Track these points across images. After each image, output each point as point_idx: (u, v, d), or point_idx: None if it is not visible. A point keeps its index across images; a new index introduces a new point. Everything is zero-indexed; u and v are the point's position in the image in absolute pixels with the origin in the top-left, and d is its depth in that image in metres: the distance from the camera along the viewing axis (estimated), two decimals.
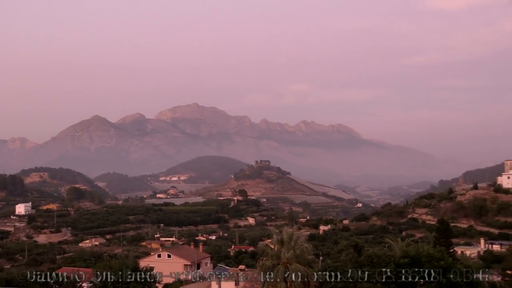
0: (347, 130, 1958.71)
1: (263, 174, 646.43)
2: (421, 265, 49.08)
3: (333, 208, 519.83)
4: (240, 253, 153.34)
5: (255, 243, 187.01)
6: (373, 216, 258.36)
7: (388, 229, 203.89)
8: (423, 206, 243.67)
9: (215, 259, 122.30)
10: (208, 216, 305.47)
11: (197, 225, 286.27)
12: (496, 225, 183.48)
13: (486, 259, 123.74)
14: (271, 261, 46.54)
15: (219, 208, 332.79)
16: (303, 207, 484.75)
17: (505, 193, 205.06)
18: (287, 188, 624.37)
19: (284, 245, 47.26)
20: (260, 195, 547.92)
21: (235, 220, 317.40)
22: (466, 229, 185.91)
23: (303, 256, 46.96)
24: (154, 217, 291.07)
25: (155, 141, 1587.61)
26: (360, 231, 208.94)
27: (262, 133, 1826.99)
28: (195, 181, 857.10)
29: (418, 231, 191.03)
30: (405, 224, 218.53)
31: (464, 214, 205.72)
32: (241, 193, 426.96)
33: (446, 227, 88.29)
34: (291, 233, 48.82)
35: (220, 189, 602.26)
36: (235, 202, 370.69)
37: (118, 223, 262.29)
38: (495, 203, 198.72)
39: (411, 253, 51.01)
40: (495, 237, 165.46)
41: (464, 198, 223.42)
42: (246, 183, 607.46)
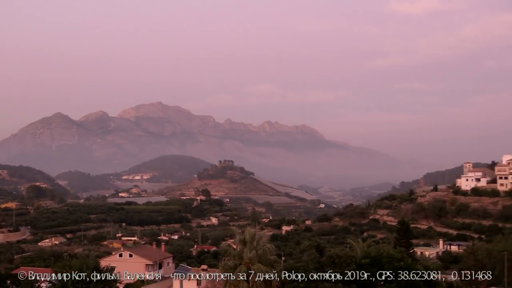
0: (311, 131, 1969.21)
1: (227, 174, 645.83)
2: (381, 265, 49.64)
3: (295, 209, 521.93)
4: (203, 253, 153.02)
5: (217, 243, 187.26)
6: (335, 217, 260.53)
7: (350, 230, 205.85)
8: (385, 207, 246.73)
9: (177, 259, 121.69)
10: (170, 215, 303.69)
11: (160, 225, 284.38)
12: (454, 226, 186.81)
13: (444, 259, 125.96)
14: (233, 261, 46.53)
15: (182, 207, 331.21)
16: (266, 207, 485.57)
17: (464, 195, 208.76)
18: (250, 188, 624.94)
19: (246, 245, 47.28)
20: (223, 195, 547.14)
21: (198, 219, 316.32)
22: (425, 230, 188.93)
23: (265, 256, 47.05)
24: (116, 216, 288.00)
25: (118, 140, 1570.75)
26: (322, 231, 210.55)
27: (226, 133, 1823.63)
28: (158, 180, 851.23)
29: (379, 232, 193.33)
30: (367, 225, 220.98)
31: (424, 215, 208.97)
32: (204, 193, 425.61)
33: (407, 228, 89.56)
34: (253, 233, 48.87)
35: (183, 188, 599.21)
36: (198, 202, 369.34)
37: (79, 222, 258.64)
38: (454, 205, 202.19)
39: (372, 254, 51.60)
40: (453, 238, 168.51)
41: (424, 200, 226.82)
42: (210, 182, 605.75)
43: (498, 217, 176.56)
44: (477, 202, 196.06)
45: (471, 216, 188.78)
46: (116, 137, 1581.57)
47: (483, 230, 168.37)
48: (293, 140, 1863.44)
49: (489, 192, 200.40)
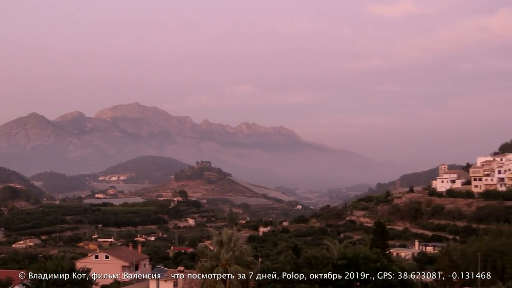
0: (288, 133, 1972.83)
1: (204, 175, 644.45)
2: (358, 266, 49.97)
3: (273, 210, 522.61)
4: (180, 254, 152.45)
5: (194, 244, 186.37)
6: (312, 218, 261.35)
7: (327, 231, 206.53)
8: (361, 208, 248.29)
9: (154, 260, 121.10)
10: (147, 216, 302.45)
11: (136, 226, 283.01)
12: (430, 228, 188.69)
13: (420, 260, 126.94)
14: (210, 262, 46.46)
15: (158, 208, 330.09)
16: (243, 209, 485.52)
17: (439, 197, 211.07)
18: (228, 189, 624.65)
19: (223, 247, 47.24)
20: (200, 196, 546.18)
21: (174, 221, 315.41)
22: (401, 231, 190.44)
23: (242, 258, 47.05)
24: (92, 217, 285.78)
25: (94, 140, 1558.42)
26: (299, 233, 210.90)
27: (204, 134, 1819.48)
28: (135, 181, 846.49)
29: (356, 233, 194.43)
30: (344, 226, 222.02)
31: (400, 217, 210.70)
32: (181, 194, 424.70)
33: (383, 229, 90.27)
34: (230, 234, 48.85)
35: (160, 189, 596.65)
36: (175, 203, 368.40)
37: (55, 224, 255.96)
38: (429, 206, 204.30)
39: (349, 255, 51.90)
40: (428, 239, 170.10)
41: (400, 201, 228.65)
42: (187, 184, 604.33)
43: (472, 218, 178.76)
44: (452, 204, 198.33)
45: (446, 217, 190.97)
46: (93, 137, 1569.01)
47: (457, 231, 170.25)
48: (271, 141, 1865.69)
49: (463, 193, 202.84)
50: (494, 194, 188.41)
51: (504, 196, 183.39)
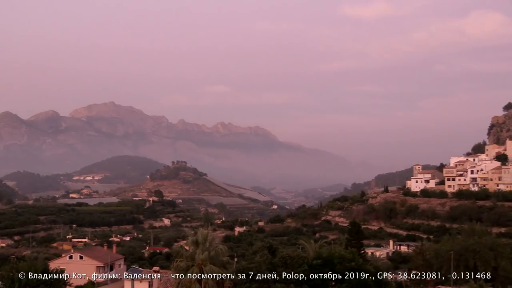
0: (264, 133, 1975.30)
1: (180, 175, 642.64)
2: (333, 266, 50.18)
3: (248, 210, 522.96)
4: (155, 254, 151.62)
5: (170, 244, 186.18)
6: (288, 218, 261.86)
7: (302, 231, 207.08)
8: (337, 208, 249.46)
9: (129, 261, 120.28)
10: (122, 216, 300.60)
11: (111, 226, 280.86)
12: (404, 227, 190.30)
13: (394, 259, 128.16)
14: (185, 262, 46.35)
15: (134, 208, 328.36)
16: (219, 209, 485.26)
17: (413, 196, 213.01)
18: (203, 189, 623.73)
19: (199, 247, 47.17)
20: (176, 196, 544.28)
21: (150, 221, 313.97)
22: (376, 231, 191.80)
23: (218, 258, 47.03)
24: (67, 217, 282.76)
25: (69, 140, 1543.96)
26: (275, 232, 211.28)
27: (179, 134, 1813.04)
28: (110, 181, 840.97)
29: (331, 233, 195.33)
30: (319, 226, 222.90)
31: (375, 217, 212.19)
32: (157, 194, 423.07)
33: (358, 229, 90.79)
34: (206, 234, 48.79)
35: (135, 189, 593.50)
36: (151, 203, 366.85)
37: (28, 224, 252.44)
38: (404, 206, 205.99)
39: (324, 255, 52.11)
40: (403, 239, 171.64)
41: (375, 201, 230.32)
42: (162, 183, 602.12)
43: (445, 217, 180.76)
44: (426, 203, 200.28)
45: (420, 217, 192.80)
46: (67, 137, 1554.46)
47: (431, 231, 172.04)
48: (247, 141, 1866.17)
49: (437, 193, 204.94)
50: (467, 194, 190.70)
51: (477, 196, 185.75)
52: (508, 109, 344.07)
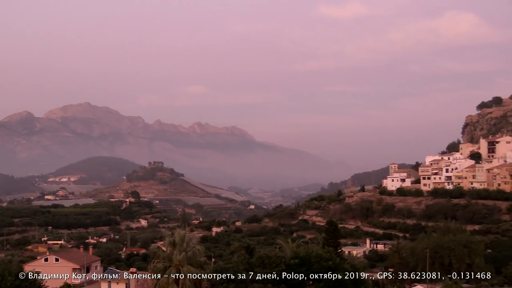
0: (241, 133, 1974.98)
1: (156, 175, 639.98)
2: (310, 265, 50.36)
3: (226, 210, 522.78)
4: (132, 255, 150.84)
5: (147, 246, 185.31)
6: (265, 218, 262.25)
7: (280, 231, 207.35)
8: (314, 207, 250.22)
9: (105, 262, 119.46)
10: (99, 218, 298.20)
11: (88, 228, 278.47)
12: (380, 226, 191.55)
13: (371, 258, 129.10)
14: (163, 263, 46.26)
15: (110, 210, 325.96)
16: (196, 209, 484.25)
17: (389, 195, 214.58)
18: (180, 189, 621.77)
19: (176, 247, 47.09)
20: (153, 196, 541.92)
21: (127, 222, 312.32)
22: (353, 230, 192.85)
23: (195, 258, 47.01)
24: (42, 219, 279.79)
25: (44, 141, 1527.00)
26: (253, 232, 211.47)
27: (156, 134, 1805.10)
28: (86, 182, 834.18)
29: (308, 232, 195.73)
30: (296, 225, 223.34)
31: (352, 216, 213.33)
32: (134, 195, 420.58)
33: (335, 228, 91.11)
34: (183, 235, 48.74)
35: (112, 190, 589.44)
36: (127, 204, 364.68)
37: (2, 227, 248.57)
38: (380, 205, 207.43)
39: (301, 254, 52.24)
40: (379, 237, 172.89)
41: (352, 200, 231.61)
42: (139, 184, 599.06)
43: (421, 216, 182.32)
44: (402, 202, 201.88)
45: (397, 215, 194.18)
46: (42, 138, 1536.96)
47: (407, 229, 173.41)
48: (223, 141, 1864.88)
49: (413, 192, 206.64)
50: (442, 192, 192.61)
51: (452, 194, 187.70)
52: (481, 108, 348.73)
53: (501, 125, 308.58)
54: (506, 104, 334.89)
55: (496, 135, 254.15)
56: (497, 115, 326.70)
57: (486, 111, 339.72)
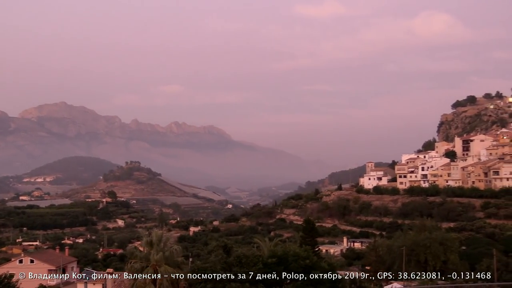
0: (218, 132, 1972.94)
1: (133, 175, 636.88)
2: (288, 264, 50.51)
3: (203, 210, 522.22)
4: (109, 256, 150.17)
5: (124, 246, 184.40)
6: (242, 217, 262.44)
7: (257, 230, 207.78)
8: (291, 206, 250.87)
9: (82, 263, 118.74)
10: (75, 218, 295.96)
11: (64, 228, 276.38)
12: (357, 224, 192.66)
13: (348, 256, 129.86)
14: (140, 263, 46.04)
15: (87, 210, 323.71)
16: (173, 209, 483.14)
17: (366, 194, 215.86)
18: (158, 189, 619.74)
19: (153, 247, 46.91)
20: (130, 196, 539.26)
21: (103, 222, 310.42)
22: (330, 229, 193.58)
23: (173, 258, 46.87)
24: (17, 220, 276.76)
25: (18, 141, 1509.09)
26: (230, 232, 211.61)
27: (133, 134, 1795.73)
28: (62, 182, 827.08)
29: (286, 231, 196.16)
30: (274, 224, 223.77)
31: (329, 214, 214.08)
32: (110, 195, 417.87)
33: (312, 227, 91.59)
34: (160, 235, 48.59)
35: (88, 190, 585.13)
36: (104, 204, 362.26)
37: None
38: (357, 203, 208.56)
39: (279, 253, 52.34)
40: (356, 236, 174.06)
41: (329, 199, 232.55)
42: (116, 184, 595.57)
43: (397, 214, 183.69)
44: (379, 200, 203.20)
45: (373, 213, 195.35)
46: (17, 138, 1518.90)
47: (384, 227, 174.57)
48: (201, 141, 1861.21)
49: (389, 190, 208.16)
50: (418, 190, 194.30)
51: (427, 192, 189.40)
52: (456, 107, 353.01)
53: (475, 123, 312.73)
54: (480, 103, 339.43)
55: (470, 133, 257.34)
56: (472, 113, 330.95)
57: (460, 110, 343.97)
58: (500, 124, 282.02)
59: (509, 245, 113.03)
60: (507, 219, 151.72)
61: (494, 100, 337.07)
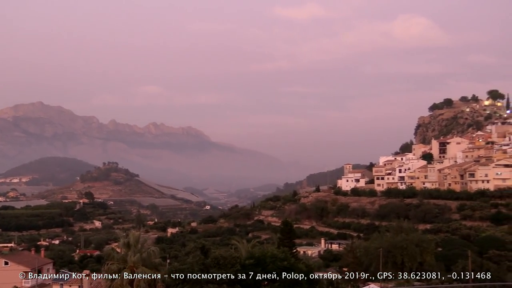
0: (197, 133, 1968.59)
1: (111, 176, 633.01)
2: (265, 265, 50.57)
3: (181, 211, 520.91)
4: (85, 257, 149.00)
5: (101, 247, 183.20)
6: (220, 218, 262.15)
7: (235, 231, 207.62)
8: (269, 208, 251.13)
9: (58, 265, 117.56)
10: (51, 219, 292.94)
11: (40, 230, 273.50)
12: (335, 226, 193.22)
13: (325, 258, 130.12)
14: (117, 265, 45.76)
15: (63, 211, 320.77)
16: (151, 210, 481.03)
17: (344, 195, 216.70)
18: (135, 190, 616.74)
19: (130, 249, 46.66)
20: (107, 197, 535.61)
21: (80, 223, 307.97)
22: (308, 230, 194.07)
23: (150, 259, 46.67)
24: None
25: None
26: (208, 233, 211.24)
27: (111, 134, 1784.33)
28: (38, 183, 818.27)
29: (264, 233, 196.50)
30: (252, 226, 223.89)
31: (307, 216, 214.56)
32: (87, 196, 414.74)
33: (290, 228, 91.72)
34: (138, 236, 48.35)
35: (65, 191, 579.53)
36: (81, 205, 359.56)
37: None
38: (335, 205, 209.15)
39: (256, 254, 52.42)
40: (334, 237, 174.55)
41: (307, 200, 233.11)
42: (93, 185, 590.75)
43: (375, 215, 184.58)
44: (356, 202, 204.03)
45: (351, 215, 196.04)
46: None
47: (361, 229, 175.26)
48: (179, 141, 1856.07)
49: (367, 192, 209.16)
50: (395, 192, 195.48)
51: (404, 194, 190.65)
52: (433, 109, 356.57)
53: (452, 126, 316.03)
54: (457, 106, 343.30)
55: (447, 136, 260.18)
56: (448, 116, 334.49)
57: (437, 112, 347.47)
58: (476, 127, 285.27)
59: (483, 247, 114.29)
60: (482, 220, 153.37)
61: (470, 103, 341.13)
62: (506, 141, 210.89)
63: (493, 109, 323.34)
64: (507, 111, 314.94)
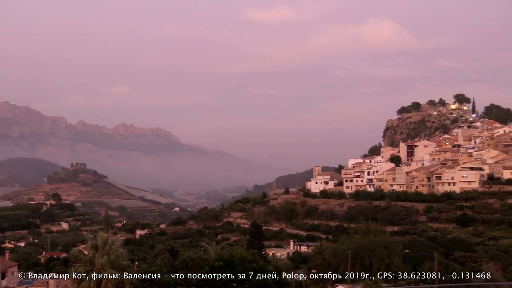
0: (166, 134, 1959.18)
1: (79, 177, 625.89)
2: (234, 267, 50.61)
3: (150, 213, 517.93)
4: (52, 260, 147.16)
5: (68, 249, 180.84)
6: (189, 220, 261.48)
7: (204, 233, 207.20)
8: (238, 210, 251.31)
9: (23, 267, 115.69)
10: (17, 221, 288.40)
11: (4, 232, 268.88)
12: (304, 228, 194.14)
13: (294, 259, 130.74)
14: (84, 267, 45.28)
15: (30, 213, 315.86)
16: (119, 211, 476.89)
17: (313, 197, 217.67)
18: (104, 192, 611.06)
19: (98, 251, 46.22)
20: (75, 199, 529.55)
21: (47, 225, 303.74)
22: (277, 232, 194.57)
23: (118, 262, 46.26)
24: None
25: None
26: (177, 235, 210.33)
27: (79, 135, 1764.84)
28: (4, 184, 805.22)
29: (233, 235, 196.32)
30: (221, 227, 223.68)
31: (276, 218, 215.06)
32: (55, 197, 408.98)
33: (259, 230, 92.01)
34: (106, 238, 47.88)
35: (31, 193, 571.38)
36: (48, 207, 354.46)
37: None
38: (304, 207, 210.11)
39: (225, 256, 52.46)
40: (303, 239, 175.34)
41: (276, 202, 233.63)
42: (60, 186, 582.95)
43: (343, 218, 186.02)
44: (325, 204, 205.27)
45: (320, 217, 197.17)
46: None
47: (330, 231, 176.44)
48: (148, 143, 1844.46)
49: (336, 194, 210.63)
50: (363, 195, 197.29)
51: (373, 196, 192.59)
52: (402, 113, 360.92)
53: (420, 129, 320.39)
54: (424, 109, 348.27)
55: (415, 139, 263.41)
56: (416, 119, 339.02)
57: (405, 115, 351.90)
58: (443, 130, 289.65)
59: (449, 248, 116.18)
60: (448, 222, 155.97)
61: (437, 106, 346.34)
62: (471, 145, 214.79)
63: (460, 113, 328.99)
64: (472, 115, 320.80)
